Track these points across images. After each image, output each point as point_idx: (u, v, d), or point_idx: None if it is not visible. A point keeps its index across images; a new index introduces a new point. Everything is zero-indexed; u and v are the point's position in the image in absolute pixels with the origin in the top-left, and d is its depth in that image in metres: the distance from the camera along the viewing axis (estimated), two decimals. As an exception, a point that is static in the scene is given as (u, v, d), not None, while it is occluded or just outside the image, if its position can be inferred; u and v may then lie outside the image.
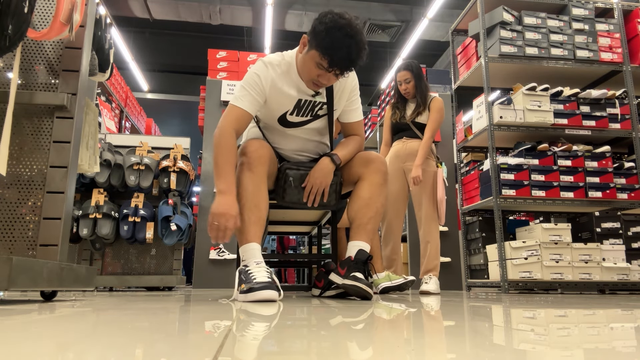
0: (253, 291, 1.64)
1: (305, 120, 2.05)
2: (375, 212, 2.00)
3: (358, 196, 2.02)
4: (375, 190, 2.01)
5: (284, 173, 2.01)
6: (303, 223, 2.99)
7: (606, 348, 0.64)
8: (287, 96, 1.97)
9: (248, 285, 1.68)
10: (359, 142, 2.14)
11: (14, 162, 1.74)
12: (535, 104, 3.86)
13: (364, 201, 2.00)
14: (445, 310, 1.39)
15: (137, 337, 0.63)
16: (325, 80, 1.86)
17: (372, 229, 2.00)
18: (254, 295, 1.63)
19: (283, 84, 1.95)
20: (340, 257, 2.68)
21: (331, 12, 1.79)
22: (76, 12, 1.73)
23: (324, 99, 2.02)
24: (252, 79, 1.92)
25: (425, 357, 0.53)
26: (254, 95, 1.91)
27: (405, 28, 9.59)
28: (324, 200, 2.00)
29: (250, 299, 1.64)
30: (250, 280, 1.69)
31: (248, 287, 1.67)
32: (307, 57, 1.85)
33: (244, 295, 1.67)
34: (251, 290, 1.65)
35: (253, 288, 1.65)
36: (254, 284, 1.66)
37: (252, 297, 1.64)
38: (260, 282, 1.66)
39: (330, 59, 1.77)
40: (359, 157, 2.11)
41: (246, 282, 1.70)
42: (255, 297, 1.63)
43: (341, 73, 1.83)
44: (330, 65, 1.78)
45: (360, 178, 2.05)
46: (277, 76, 1.94)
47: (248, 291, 1.66)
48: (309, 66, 1.84)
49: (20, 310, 1.18)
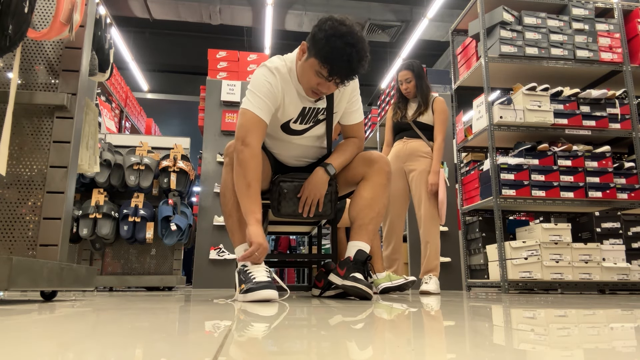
0: (252, 291, 1.65)
1: (307, 127, 2.03)
2: (377, 212, 1.99)
3: (360, 196, 2.01)
4: (378, 190, 1.99)
5: (278, 186, 2.00)
6: (303, 223, 2.99)
7: (606, 348, 0.64)
8: (295, 105, 1.94)
9: (248, 285, 1.69)
10: (356, 145, 2.11)
11: (14, 162, 1.74)
12: (535, 104, 3.86)
13: (366, 201, 1.98)
14: (445, 310, 1.39)
15: (137, 337, 0.63)
16: (325, 89, 1.82)
17: (373, 230, 1.99)
18: (253, 295, 1.64)
19: (290, 92, 1.91)
20: (340, 257, 2.68)
21: (331, 18, 1.74)
22: (76, 12, 1.73)
23: (324, 104, 2.00)
24: (264, 87, 1.85)
25: (425, 357, 0.53)
26: (269, 103, 1.85)
27: (405, 28, 9.59)
28: (319, 210, 2.00)
29: (250, 298, 1.65)
30: (249, 280, 1.70)
31: (248, 287, 1.68)
32: (306, 65, 1.80)
33: (243, 296, 1.68)
34: (251, 290, 1.66)
35: (252, 288, 1.66)
36: (253, 283, 1.67)
37: (251, 297, 1.65)
38: (260, 282, 1.67)
39: (330, 68, 1.72)
40: (362, 156, 2.09)
41: (246, 282, 1.71)
42: (254, 297, 1.64)
43: (341, 82, 1.78)
44: (330, 74, 1.73)
45: (364, 178, 2.04)
46: (285, 84, 1.90)
47: (248, 291, 1.67)
48: (309, 74, 1.80)
49: (20, 310, 1.18)
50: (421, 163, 3.30)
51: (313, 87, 1.83)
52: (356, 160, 2.09)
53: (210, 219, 4.87)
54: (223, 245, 4.78)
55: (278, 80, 1.88)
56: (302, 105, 1.95)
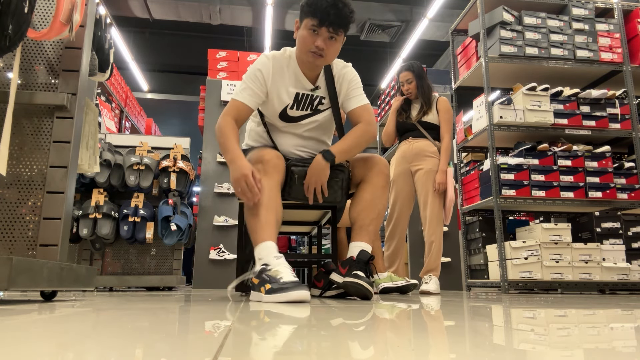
0: (282, 291, 1.52)
1: (305, 114, 2.06)
2: (377, 214, 2.00)
3: (361, 198, 2.03)
4: (378, 192, 2.02)
5: (289, 170, 2.01)
6: (303, 223, 2.99)
7: (606, 348, 0.64)
8: (286, 89, 2.00)
9: (274, 285, 1.55)
10: (360, 130, 2.03)
11: (14, 162, 1.74)
12: (535, 104, 3.86)
13: (366, 203, 2.00)
14: (445, 310, 1.39)
15: (137, 337, 0.63)
16: (322, 43, 1.86)
17: (373, 230, 2.00)
18: (283, 295, 1.51)
19: (284, 77, 1.98)
20: (340, 257, 2.68)
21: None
22: (76, 12, 1.73)
23: (323, 93, 2.04)
24: (253, 73, 1.97)
25: (426, 357, 0.53)
26: (255, 89, 1.96)
27: (405, 28, 9.58)
28: (325, 195, 1.99)
29: (280, 299, 1.51)
30: (276, 280, 1.57)
31: (275, 286, 1.54)
32: (301, 32, 1.90)
33: (271, 296, 1.54)
34: (280, 290, 1.52)
35: (282, 288, 1.52)
36: (282, 283, 1.54)
37: (281, 297, 1.51)
38: (289, 282, 1.54)
39: (320, 17, 1.82)
40: (361, 159, 2.10)
41: (271, 281, 1.57)
42: (286, 298, 1.51)
43: (334, 30, 1.86)
44: (321, 21, 1.83)
45: (363, 180, 2.06)
46: (279, 69, 1.98)
47: (275, 291, 1.53)
48: (304, 37, 1.88)
49: (20, 310, 1.18)
50: (427, 163, 3.29)
51: (311, 48, 1.88)
52: (356, 162, 2.10)
53: (210, 219, 4.87)
54: (223, 245, 4.78)
55: (270, 63, 1.98)
56: (296, 91, 2.00)
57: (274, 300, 1.53)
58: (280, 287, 1.53)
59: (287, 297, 1.50)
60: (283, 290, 1.51)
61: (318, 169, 1.96)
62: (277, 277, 1.57)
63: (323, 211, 2.51)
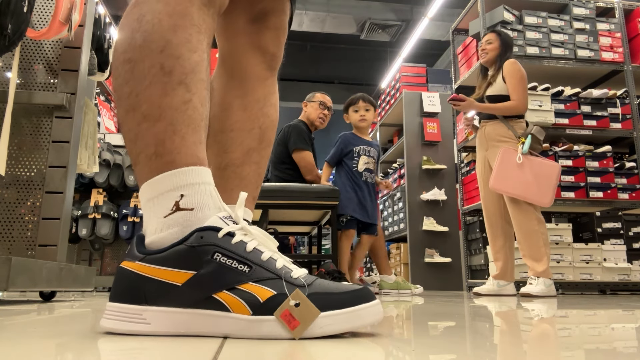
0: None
1: None
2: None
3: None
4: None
5: None
6: (303, 223, 2.99)
7: (607, 349, 0.64)
8: None
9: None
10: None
11: (13, 162, 1.74)
12: (536, 104, 3.86)
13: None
14: (445, 310, 1.38)
15: (136, 337, 0.62)
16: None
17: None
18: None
19: None
20: (340, 267, 2.64)
21: None
22: (75, 12, 1.73)
23: None
24: None
25: (426, 357, 0.53)
26: None
27: (405, 27, 9.58)
28: None
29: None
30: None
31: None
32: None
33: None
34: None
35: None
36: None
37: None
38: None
39: None
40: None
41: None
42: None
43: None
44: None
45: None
46: None
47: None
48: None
49: (19, 311, 1.17)
50: (497, 151, 2.84)
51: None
52: None
53: (210, 219, 4.86)
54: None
55: None
56: None
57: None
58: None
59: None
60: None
61: None
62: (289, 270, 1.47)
63: (323, 211, 2.51)
